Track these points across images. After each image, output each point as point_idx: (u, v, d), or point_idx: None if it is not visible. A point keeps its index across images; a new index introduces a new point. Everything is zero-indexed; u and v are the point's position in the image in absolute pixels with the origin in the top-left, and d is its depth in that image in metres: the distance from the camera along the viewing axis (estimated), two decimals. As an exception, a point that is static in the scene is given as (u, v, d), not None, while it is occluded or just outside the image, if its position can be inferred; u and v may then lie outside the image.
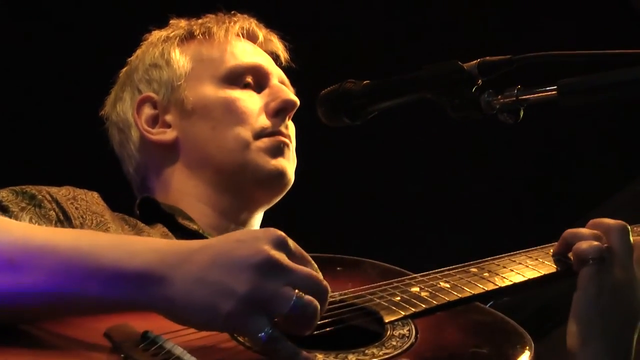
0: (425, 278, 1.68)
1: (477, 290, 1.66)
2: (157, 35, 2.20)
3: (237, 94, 2.08)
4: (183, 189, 2.06)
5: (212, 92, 2.08)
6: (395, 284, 1.64)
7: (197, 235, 1.95)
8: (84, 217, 1.80)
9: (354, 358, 1.42)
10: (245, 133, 2.03)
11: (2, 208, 1.73)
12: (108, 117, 2.20)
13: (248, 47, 2.17)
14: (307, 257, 1.42)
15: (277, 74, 2.16)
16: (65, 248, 1.39)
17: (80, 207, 1.82)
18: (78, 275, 1.37)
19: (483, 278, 1.70)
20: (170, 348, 1.35)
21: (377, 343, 1.46)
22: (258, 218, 2.12)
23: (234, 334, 1.40)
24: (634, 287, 1.72)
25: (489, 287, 1.68)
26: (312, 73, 2.16)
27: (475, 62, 1.74)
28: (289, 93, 2.12)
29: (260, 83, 2.12)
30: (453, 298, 1.62)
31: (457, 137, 3.59)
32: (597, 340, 1.68)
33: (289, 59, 2.24)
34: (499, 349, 1.49)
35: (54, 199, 1.80)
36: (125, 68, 2.22)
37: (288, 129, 2.09)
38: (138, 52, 2.21)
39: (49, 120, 3.57)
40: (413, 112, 2.11)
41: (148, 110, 2.11)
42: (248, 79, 2.10)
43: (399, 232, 3.98)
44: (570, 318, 1.71)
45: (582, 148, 4.09)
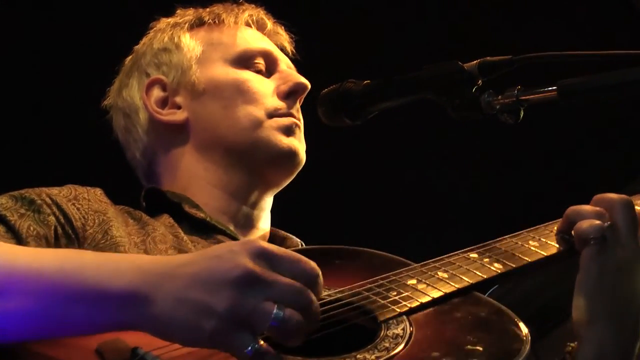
0: (424, 268, 1.64)
1: (475, 279, 1.62)
2: (165, 22, 2.20)
3: (248, 75, 2.08)
4: (192, 172, 2.05)
5: (223, 73, 2.08)
6: (393, 278, 1.61)
7: (204, 224, 1.94)
8: (86, 217, 1.79)
9: None
10: (258, 112, 2.03)
11: None
12: (112, 105, 2.19)
13: (257, 34, 2.18)
14: (295, 258, 1.37)
15: (285, 61, 2.17)
16: (50, 271, 1.39)
17: (82, 207, 1.81)
18: (62, 299, 1.37)
19: (483, 265, 1.66)
20: None
21: (369, 346, 1.44)
22: (269, 201, 2.10)
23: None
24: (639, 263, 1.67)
25: (489, 274, 1.64)
26: (311, 73, 2.16)
27: (476, 62, 1.74)
28: (300, 76, 2.12)
29: (270, 68, 2.13)
30: (450, 290, 1.58)
31: (457, 135, 3.59)
32: (602, 321, 1.64)
33: (295, 52, 2.24)
34: (495, 345, 1.46)
35: (54, 202, 1.78)
36: (131, 56, 2.21)
37: (299, 112, 2.09)
38: (145, 39, 2.21)
39: (52, 115, 3.57)
40: (413, 110, 2.10)
41: (157, 93, 2.10)
42: (258, 63, 2.10)
43: (399, 224, 3.99)
44: (574, 299, 1.67)
45: (581, 148, 4.09)
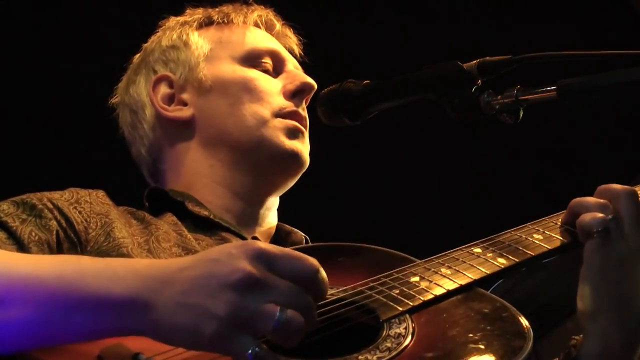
0: (427, 265, 1.63)
1: (478, 275, 1.61)
2: (174, 20, 2.21)
3: (255, 74, 2.08)
4: (197, 169, 2.05)
5: (230, 70, 2.08)
6: (395, 275, 1.59)
7: (208, 222, 1.94)
8: (88, 220, 1.79)
9: None
10: (263, 111, 2.03)
11: (0, 224, 1.72)
12: (119, 102, 2.20)
13: (265, 34, 2.19)
14: (296, 257, 1.36)
15: (292, 62, 2.18)
16: (49, 279, 1.39)
17: (84, 210, 1.81)
18: (63, 307, 1.37)
19: (487, 260, 1.65)
20: None
21: (371, 346, 1.43)
22: (273, 201, 2.10)
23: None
24: None
25: (492, 269, 1.63)
26: (311, 73, 2.16)
27: (475, 62, 1.74)
28: (307, 76, 2.12)
29: (277, 68, 2.13)
30: (453, 287, 1.57)
31: (457, 132, 3.60)
32: (606, 313, 1.64)
33: (302, 54, 2.25)
34: (498, 342, 1.45)
35: (56, 206, 1.78)
36: (139, 54, 2.22)
37: (305, 112, 2.10)
38: (154, 37, 2.22)
39: (54, 117, 3.58)
40: (413, 110, 2.11)
41: (164, 89, 2.11)
42: (265, 63, 2.11)
43: (401, 220, 4.00)
44: (579, 292, 1.66)
45: (581, 148, 4.09)
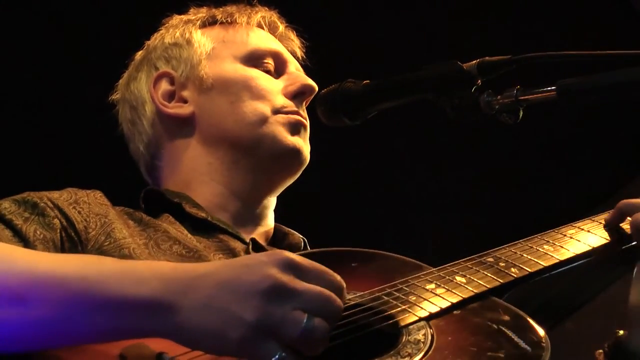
0: (441, 273, 1.65)
1: (493, 284, 1.63)
2: (178, 19, 2.21)
3: (257, 73, 2.09)
4: (196, 167, 2.05)
5: (232, 69, 2.09)
6: (411, 282, 1.62)
7: (205, 223, 1.94)
8: (88, 220, 1.79)
9: None
10: (264, 108, 2.04)
11: (5, 222, 1.72)
12: (119, 99, 2.20)
13: (268, 35, 2.19)
14: (321, 270, 1.39)
15: (294, 63, 2.18)
16: (73, 279, 1.39)
17: (83, 210, 1.81)
18: (86, 307, 1.37)
19: (500, 270, 1.67)
20: None
21: (391, 352, 1.45)
22: (271, 200, 2.10)
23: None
24: None
25: (506, 279, 1.65)
26: (313, 75, 2.16)
27: (475, 62, 1.74)
28: (308, 78, 2.13)
29: (279, 69, 2.14)
30: (469, 295, 1.59)
31: (459, 135, 3.60)
32: None
33: (304, 57, 2.25)
34: (516, 350, 1.47)
35: (56, 206, 1.78)
36: (141, 51, 2.22)
37: (305, 113, 2.10)
38: (157, 34, 2.22)
39: (51, 117, 3.57)
40: (413, 111, 2.11)
41: (165, 86, 2.11)
42: (267, 63, 2.11)
43: (402, 225, 4.00)
44: (634, 286, 1.72)
45: (581, 148, 4.09)
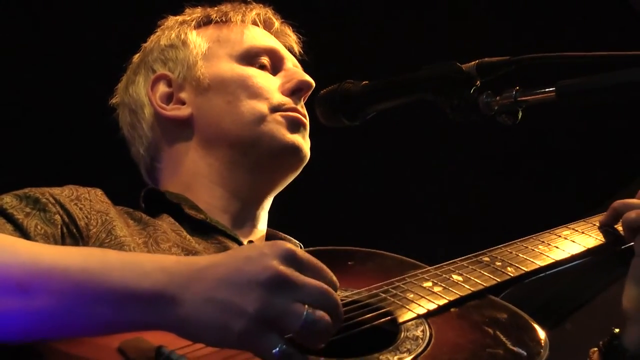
0: (438, 271, 1.66)
1: (490, 283, 1.64)
2: (173, 20, 2.21)
3: (253, 72, 2.09)
4: (195, 169, 2.05)
5: (228, 68, 2.08)
6: (408, 280, 1.63)
7: (204, 225, 1.94)
8: (89, 217, 1.79)
9: None
10: (262, 107, 2.03)
11: (6, 217, 1.71)
12: (119, 103, 2.20)
13: (264, 32, 2.19)
14: (319, 266, 1.39)
15: (291, 60, 2.18)
16: (75, 270, 1.39)
17: (84, 207, 1.81)
18: (88, 298, 1.37)
19: (496, 269, 1.69)
20: None
21: (390, 347, 1.45)
22: (269, 201, 2.10)
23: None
24: None
25: (502, 278, 1.66)
26: (311, 71, 2.16)
27: (474, 63, 1.74)
28: (305, 75, 2.12)
29: (276, 66, 2.13)
30: (466, 292, 1.60)
31: (457, 135, 3.59)
32: None
33: (302, 52, 2.24)
34: (515, 347, 1.48)
35: (58, 201, 1.77)
36: (138, 54, 2.22)
37: (304, 109, 2.09)
38: (153, 37, 2.22)
39: (51, 116, 3.57)
40: (412, 111, 2.10)
41: (162, 88, 2.11)
42: (264, 61, 2.11)
43: (397, 226, 4.00)
44: (628, 282, 1.74)
45: (580, 149, 4.09)
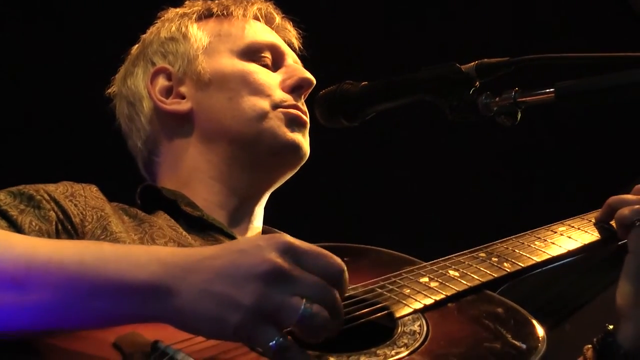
0: (435, 267, 1.66)
1: (486, 278, 1.64)
2: (173, 12, 2.20)
3: (254, 68, 2.08)
4: (194, 165, 2.04)
5: (229, 64, 2.08)
6: (404, 275, 1.63)
7: (201, 222, 1.94)
8: (84, 213, 1.78)
9: None
10: (263, 103, 2.03)
11: (1, 213, 1.70)
12: (116, 93, 2.19)
13: (265, 27, 2.18)
14: (323, 253, 1.38)
15: (292, 56, 2.18)
16: (70, 263, 1.38)
17: (79, 203, 1.80)
18: (84, 291, 1.36)
19: (492, 264, 1.69)
20: (182, 359, 1.34)
21: (388, 342, 1.45)
22: (266, 197, 2.10)
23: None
24: None
25: (499, 273, 1.67)
26: (311, 67, 2.16)
27: (473, 63, 1.75)
28: (306, 72, 2.12)
29: (277, 62, 2.13)
30: (463, 288, 1.60)
31: (453, 136, 3.60)
32: None
33: (302, 48, 2.24)
34: (512, 342, 1.48)
35: (52, 198, 1.77)
36: (137, 45, 2.21)
37: (304, 106, 2.09)
38: (152, 28, 2.21)
39: (46, 112, 3.57)
40: (411, 112, 2.10)
41: (162, 82, 2.10)
42: (265, 57, 2.11)
43: (392, 224, 4.00)
44: (622, 279, 1.73)
45: (580, 149, 4.09)
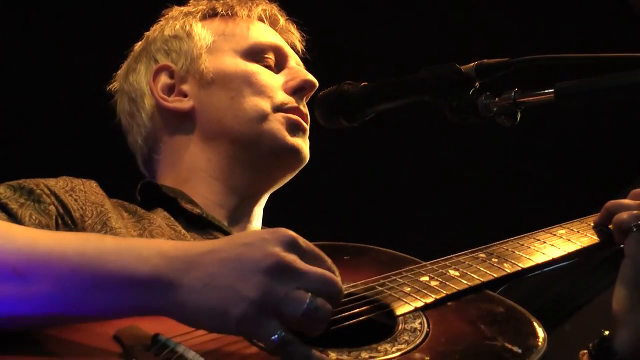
0: (435, 266, 1.67)
1: (486, 278, 1.65)
2: (177, 10, 2.20)
3: (257, 68, 2.09)
4: (194, 163, 2.05)
5: (232, 64, 2.08)
6: (405, 274, 1.63)
7: (200, 219, 1.94)
8: (84, 208, 1.79)
9: (367, 355, 1.42)
10: (264, 105, 2.03)
11: (1, 206, 1.70)
12: (118, 89, 2.20)
13: (269, 29, 2.19)
14: (320, 254, 1.39)
15: (295, 58, 2.18)
16: (72, 255, 1.38)
17: (79, 198, 1.80)
18: (86, 283, 1.36)
19: (492, 265, 1.69)
20: (182, 352, 1.35)
21: (389, 338, 1.46)
22: (265, 197, 2.10)
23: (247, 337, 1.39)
24: None
25: (499, 273, 1.67)
26: (313, 70, 2.16)
27: (473, 64, 1.75)
28: (308, 74, 2.13)
29: (280, 64, 2.14)
30: (463, 287, 1.61)
31: (453, 136, 3.60)
32: None
33: (304, 50, 2.24)
34: (512, 340, 1.48)
35: (52, 192, 1.77)
36: (141, 42, 2.22)
37: (306, 109, 2.09)
38: (156, 26, 2.21)
39: (46, 108, 3.57)
40: (411, 112, 2.11)
41: (165, 79, 2.10)
42: (268, 58, 2.11)
43: (404, 220, 4.00)
44: (618, 284, 1.73)
45: (580, 149, 4.09)
